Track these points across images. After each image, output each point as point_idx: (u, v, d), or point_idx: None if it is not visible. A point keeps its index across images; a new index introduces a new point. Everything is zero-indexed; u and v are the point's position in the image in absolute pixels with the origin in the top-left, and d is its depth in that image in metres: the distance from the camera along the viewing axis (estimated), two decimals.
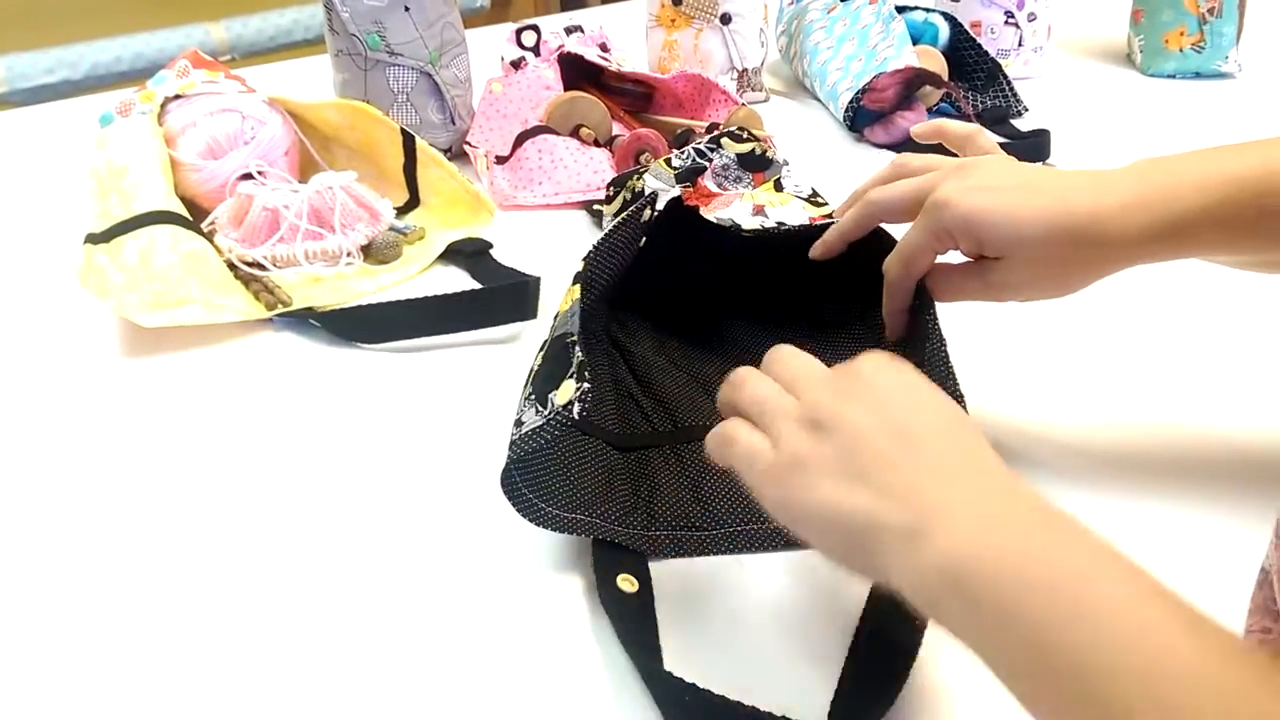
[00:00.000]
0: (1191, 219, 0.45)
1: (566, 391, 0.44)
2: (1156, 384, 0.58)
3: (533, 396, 0.46)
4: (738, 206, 0.61)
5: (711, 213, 0.60)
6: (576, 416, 0.43)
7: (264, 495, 0.53)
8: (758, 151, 0.68)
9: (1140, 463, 0.52)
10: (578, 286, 0.50)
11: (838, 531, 0.35)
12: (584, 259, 0.51)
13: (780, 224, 0.61)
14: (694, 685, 0.38)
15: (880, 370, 0.39)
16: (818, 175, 0.87)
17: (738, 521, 0.49)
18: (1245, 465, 0.52)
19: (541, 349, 0.50)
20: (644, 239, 0.56)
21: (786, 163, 0.69)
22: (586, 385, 0.44)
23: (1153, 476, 0.51)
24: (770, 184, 0.68)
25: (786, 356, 0.42)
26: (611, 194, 0.70)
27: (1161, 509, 0.49)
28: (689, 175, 0.67)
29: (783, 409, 0.39)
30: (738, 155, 0.68)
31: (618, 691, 0.40)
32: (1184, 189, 0.46)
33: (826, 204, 0.65)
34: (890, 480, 0.34)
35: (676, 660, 0.41)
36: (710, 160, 0.68)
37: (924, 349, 0.50)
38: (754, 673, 0.41)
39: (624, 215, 0.54)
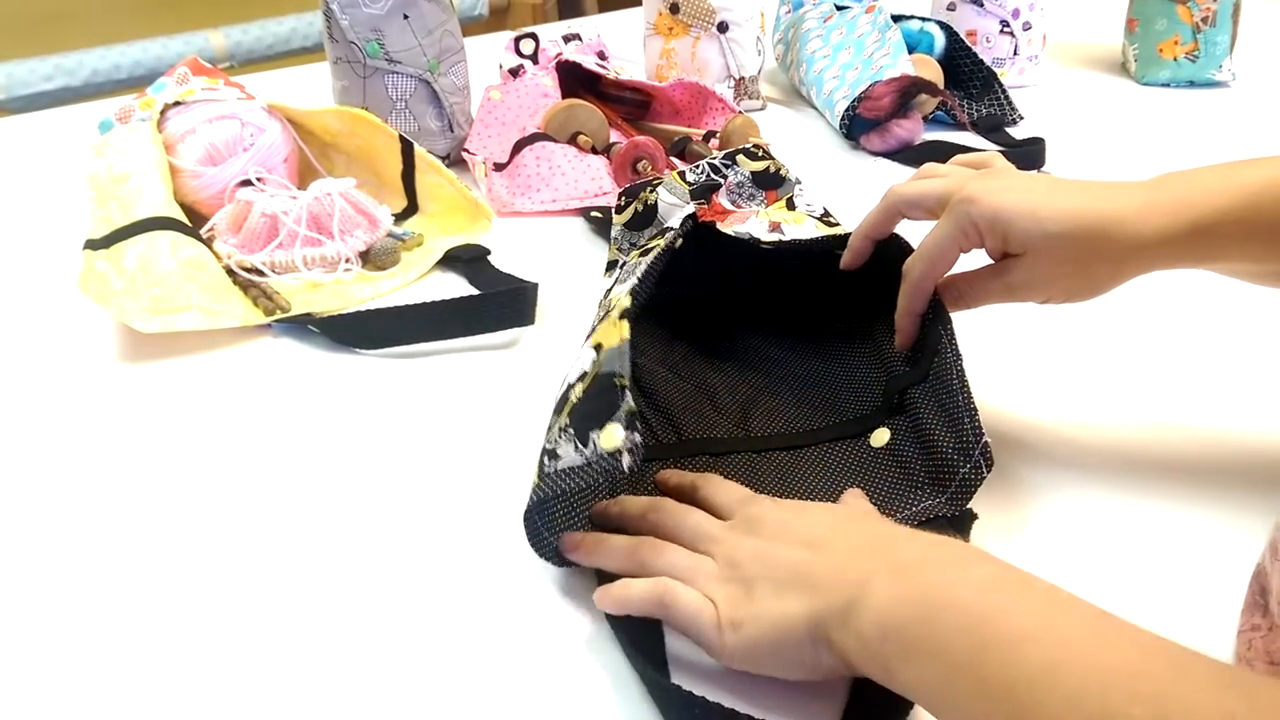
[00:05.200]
0: (1210, 223, 0.46)
1: (612, 437, 0.41)
2: (1159, 385, 0.59)
3: (570, 430, 0.43)
4: (754, 223, 0.61)
5: (729, 227, 0.60)
6: (626, 469, 0.41)
7: (262, 502, 0.53)
8: (771, 169, 0.68)
9: (1144, 462, 0.53)
10: (625, 323, 0.47)
11: (792, 642, 0.37)
12: (630, 293, 0.49)
13: (796, 240, 0.61)
14: (703, 698, 0.37)
15: (767, 508, 0.44)
16: (814, 182, 0.88)
17: None
18: (1247, 465, 0.52)
19: (581, 378, 0.46)
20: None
21: (799, 181, 0.69)
22: (639, 437, 0.41)
23: (1156, 475, 0.51)
24: (783, 202, 0.68)
25: (683, 516, 0.45)
26: (623, 204, 0.70)
27: (1164, 507, 0.49)
28: (704, 192, 0.67)
29: (702, 570, 0.42)
30: (752, 173, 0.68)
31: (623, 702, 0.40)
32: (1204, 194, 0.47)
33: (839, 224, 0.65)
34: (814, 576, 0.38)
35: (681, 673, 0.41)
36: (725, 177, 0.68)
37: (933, 362, 0.50)
38: (762, 685, 0.40)
39: (662, 246, 0.54)
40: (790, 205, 0.67)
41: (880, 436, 0.52)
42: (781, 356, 0.61)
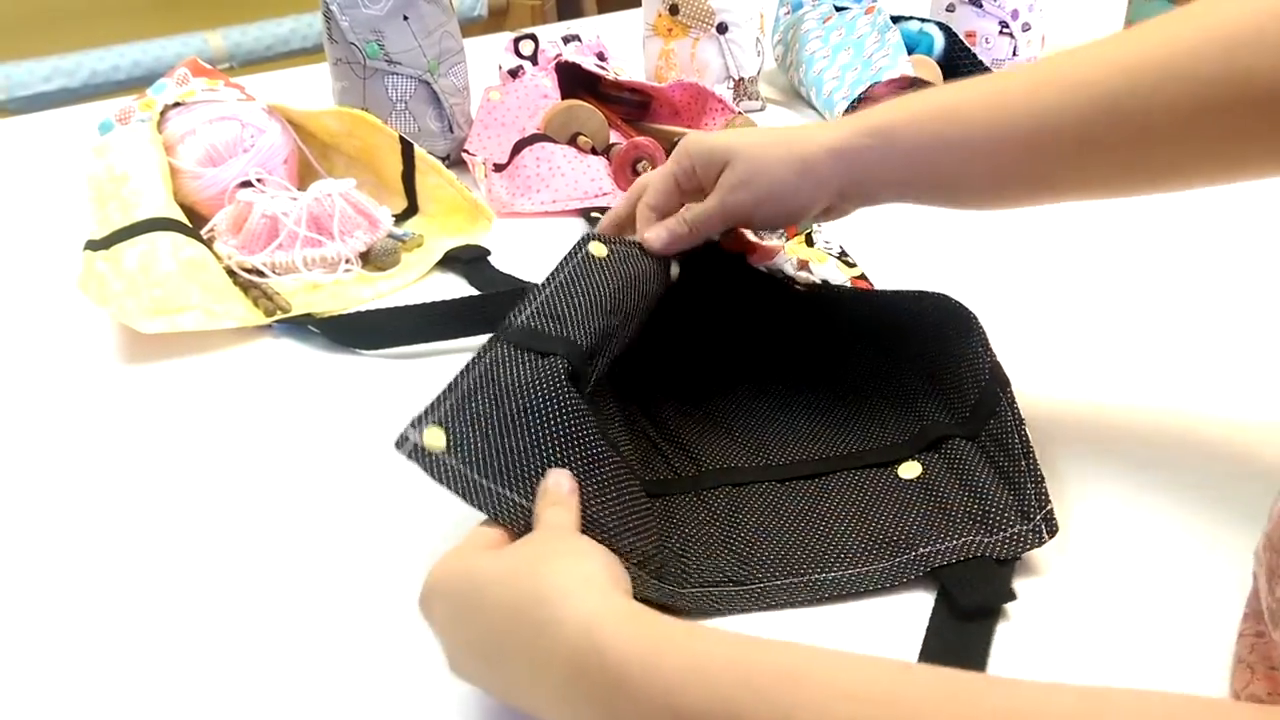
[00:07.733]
0: (882, 124, 0.51)
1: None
2: (1181, 373, 0.59)
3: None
4: (782, 259, 0.61)
5: (759, 264, 0.60)
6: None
7: (263, 502, 0.53)
8: None
9: (1161, 451, 0.53)
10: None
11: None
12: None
13: (824, 281, 0.60)
14: None
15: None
16: None
17: (778, 575, 0.46)
18: (1266, 460, 0.52)
19: None
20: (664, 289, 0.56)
21: None
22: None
23: (1173, 465, 0.52)
24: (802, 237, 0.68)
25: None
26: None
27: (1177, 498, 0.49)
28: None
29: None
30: None
31: None
32: (885, 110, 0.52)
33: (855, 265, 0.65)
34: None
35: None
36: None
37: (988, 422, 0.50)
38: None
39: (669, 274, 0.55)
40: (809, 241, 0.67)
41: (910, 469, 0.51)
42: (794, 385, 0.59)
